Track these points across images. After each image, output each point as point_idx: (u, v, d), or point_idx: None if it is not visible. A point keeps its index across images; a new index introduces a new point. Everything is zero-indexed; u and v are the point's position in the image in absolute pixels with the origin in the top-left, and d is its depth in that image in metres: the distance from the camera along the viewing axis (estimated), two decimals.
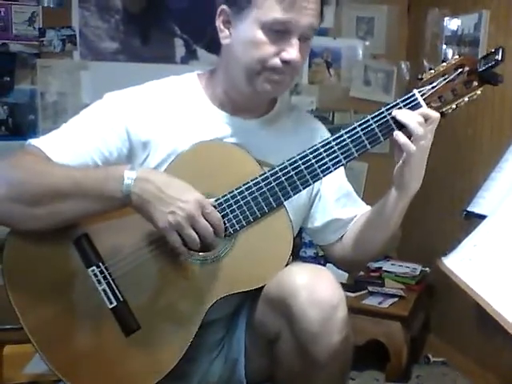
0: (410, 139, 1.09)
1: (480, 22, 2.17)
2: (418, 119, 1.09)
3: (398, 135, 1.10)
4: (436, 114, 1.10)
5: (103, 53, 2.47)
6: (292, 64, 1.12)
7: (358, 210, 1.29)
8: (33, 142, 1.14)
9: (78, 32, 2.43)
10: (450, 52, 2.38)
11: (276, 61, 1.12)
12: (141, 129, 1.16)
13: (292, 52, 1.11)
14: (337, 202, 1.28)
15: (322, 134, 1.29)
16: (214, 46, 1.21)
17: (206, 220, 1.06)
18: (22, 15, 2.36)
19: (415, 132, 1.09)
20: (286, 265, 1.13)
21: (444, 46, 2.43)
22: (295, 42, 1.11)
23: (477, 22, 2.20)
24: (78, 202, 1.07)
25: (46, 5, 2.38)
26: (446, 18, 2.42)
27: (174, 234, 1.05)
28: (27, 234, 1.10)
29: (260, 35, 1.11)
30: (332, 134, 1.15)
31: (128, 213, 1.09)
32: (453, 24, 2.38)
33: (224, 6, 1.15)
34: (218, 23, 1.17)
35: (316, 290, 1.04)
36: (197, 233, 1.05)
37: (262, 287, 1.13)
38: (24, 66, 2.39)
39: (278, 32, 1.11)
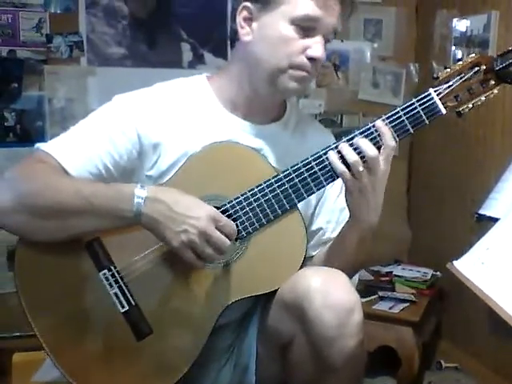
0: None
1: (489, 23, 2.15)
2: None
3: (335, 163, 1.09)
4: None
5: (110, 58, 2.47)
6: (317, 61, 1.12)
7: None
8: (42, 146, 1.14)
9: (86, 38, 2.43)
10: (459, 53, 2.36)
11: (302, 58, 1.12)
12: (151, 131, 1.16)
13: (318, 49, 1.11)
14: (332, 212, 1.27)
15: (332, 140, 1.29)
16: (221, 50, 1.20)
17: (221, 232, 1.05)
18: (30, 22, 2.36)
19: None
20: (300, 267, 1.12)
21: (453, 48, 2.41)
22: (320, 39, 1.12)
23: (486, 23, 2.17)
24: (88, 219, 1.07)
25: (53, 11, 2.38)
26: (455, 19, 2.40)
27: (188, 251, 1.05)
28: None
29: (288, 30, 1.11)
30: (344, 135, 1.13)
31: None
32: (461, 25, 2.35)
33: (246, 3, 1.15)
34: (239, 20, 1.16)
35: (331, 293, 1.03)
36: (212, 246, 1.05)
37: (275, 291, 1.12)
38: (32, 72, 2.39)
39: (306, 29, 1.11)
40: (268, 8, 1.12)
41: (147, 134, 1.15)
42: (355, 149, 1.08)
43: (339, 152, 1.09)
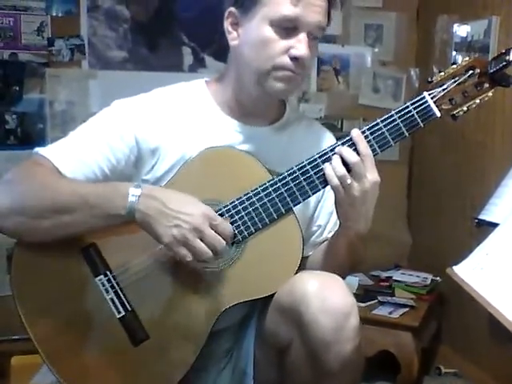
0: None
1: (490, 28, 2.16)
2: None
3: (327, 169, 1.09)
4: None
5: (111, 62, 2.48)
6: (301, 61, 1.12)
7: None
8: (40, 151, 1.15)
9: (87, 41, 2.44)
10: (459, 58, 2.36)
11: (285, 58, 1.12)
12: (150, 136, 1.16)
13: (301, 48, 1.11)
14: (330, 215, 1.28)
15: (332, 142, 1.29)
16: (222, 54, 1.20)
17: (216, 232, 1.05)
18: (31, 25, 2.37)
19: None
20: (296, 272, 1.12)
21: (454, 53, 2.41)
22: (303, 37, 1.11)
23: (486, 28, 2.18)
24: (83, 217, 1.07)
25: (54, 14, 2.39)
26: (456, 25, 2.40)
27: (182, 249, 1.04)
28: (35, 243, 1.10)
29: (268, 32, 1.11)
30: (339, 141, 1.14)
31: (135, 223, 1.08)
32: (462, 30, 2.36)
33: (232, 8, 1.16)
34: (226, 25, 1.17)
35: (328, 297, 1.03)
36: (206, 244, 1.04)
37: (272, 295, 1.12)
38: (33, 75, 2.39)
39: (286, 29, 1.11)
40: (250, 12, 1.13)
41: (145, 139, 1.16)
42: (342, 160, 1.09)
43: (330, 164, 1.09)
